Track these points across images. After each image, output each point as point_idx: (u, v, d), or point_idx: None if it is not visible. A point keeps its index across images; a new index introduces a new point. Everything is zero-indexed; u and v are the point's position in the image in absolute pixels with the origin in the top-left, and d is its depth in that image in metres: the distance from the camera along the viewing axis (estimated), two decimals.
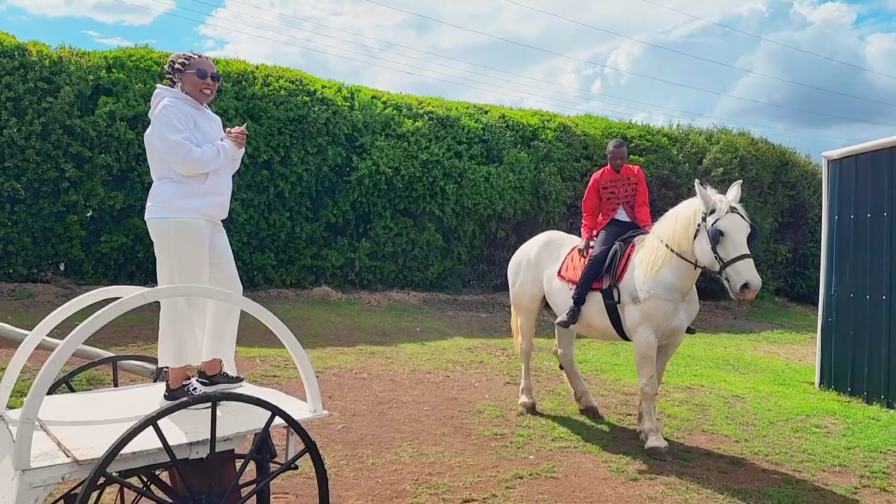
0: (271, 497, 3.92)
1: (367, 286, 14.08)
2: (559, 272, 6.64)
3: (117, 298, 3.06)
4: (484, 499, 4.63)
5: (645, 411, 5.98)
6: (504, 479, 5.00)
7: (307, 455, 3.13)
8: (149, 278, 11.79)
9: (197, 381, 3.65)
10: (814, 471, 5.50)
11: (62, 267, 12.17)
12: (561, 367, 7.31)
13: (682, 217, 5.74)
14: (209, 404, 2.89)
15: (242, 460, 3.08)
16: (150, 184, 3.67)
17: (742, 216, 5.44)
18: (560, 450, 5.75)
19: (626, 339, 6.20)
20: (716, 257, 5.38)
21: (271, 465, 3.40)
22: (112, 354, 4.26)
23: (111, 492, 3.96)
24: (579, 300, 6.28)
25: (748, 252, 5.32)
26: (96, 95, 11.60)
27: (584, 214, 6.83)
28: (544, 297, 6.90)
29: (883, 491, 5.15)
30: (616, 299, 6.05)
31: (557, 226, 15.92)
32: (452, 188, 14.23)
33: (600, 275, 6.18)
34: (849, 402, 8.18)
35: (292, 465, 3.19)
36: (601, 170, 6.86)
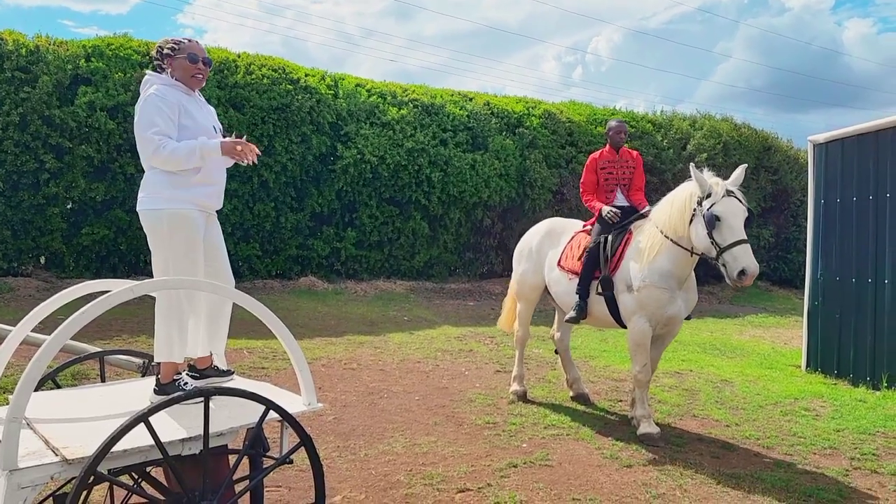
0: (264, 491, 3.87)
1: (353, 276, 13.99)
2: (559, 262, 6.50)
3: (104, 292, 2.98)
4: (479, 488, 4.59)
5: (638, 398, 5.94)
6: (498, 467, 4.96)
7: (301, 448, 3.08)
8: (132, 271, 11.66)
9: (188, 375, 3.58)
10: (805, 454, 5.52)
11: (43, 260, 11.99)
12: (556, 352, 7.22)
13: (677, 202, 5.61)
14: (201, 399, 2.82)
15: (236, 456, 3.02)
16: (132, 175, 3.58)
17: (739, 200, 5.28)
18: (553, 437, 5.73)
19: (624, 327, 6.08)
20: (712, 243, 5.25)
21: (265, 459, 3.34)
22: (98, 349, 4.17)
23: (100, 489, 3.88)
24: (584, 293, 6.11)
25: (745, 237, 5.18)
26: (75, 85, 11.40)
27: (584, 195, 6.61)
28: (546, 286, 6.76)
29: (874, 472, 5.16)
30: (611, 289, 5.95)
31: (543, 213, 15.92)
32: (438, 176, 14.15)
33: (598, 265, 6.06)
34: (835, 384, 8.23)
35: (287, 460, 3.13)
36: (599, 151, 6.68)
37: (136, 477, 3.26)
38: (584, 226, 6.60)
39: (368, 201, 13.84)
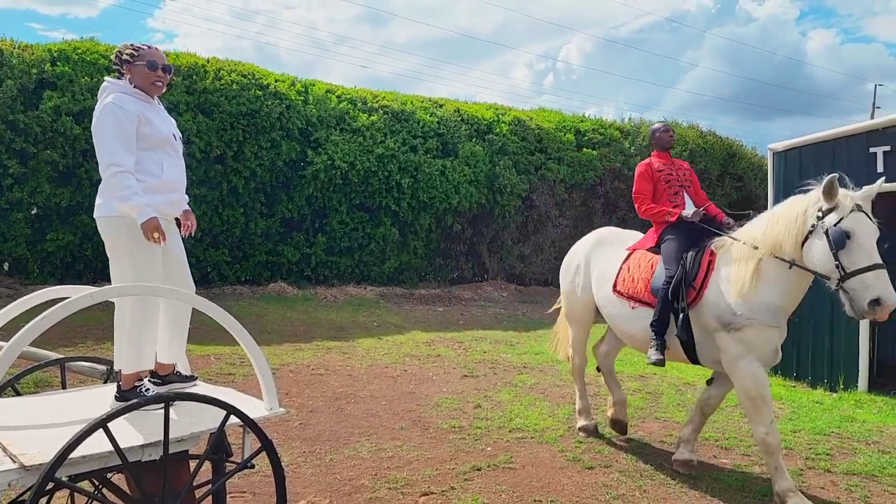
0: (228, 497, 3.88)
1: (323, 281, 13.98)
2: (614, 286, 5.49)
3: (65, 298, 2.98)
4: (442, 491, 4.64)
5: (773, 468, 4.67)
6: (462, 471, 5.01)
7: (264, 453, 3.10)
8: (98, 277, 11.54)
9: (149, 381, 3.58)
10: (762, 454, 5.65)
11: (6, 266, 11.84)
12: (598, 370, 6.43)
13: (786, 215, 4.70)
14: (162, 405, 2.84)
15: (197, 461, 3.04)
16: (98, 180, 3.52)
17: (869, 217, 4.32)
18: (517, 441, 5.79)
19: (696, 363, 5.12)
20: (837, 265, 4.28)
21: (228, 464, 3.36)
22: (60, 356, 4.15)
23: (61, 496, 3.87)
24: (660, 328, 5.02)
25: (881, 261, 4.23)
26: (40, 90, 11.28)
27: (643, 206, 5.63)
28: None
29: (827, 472, 5.32)
30: (688, 325, 4.92)
31: (513, 219, 16.07)
32: (408, 182, 14.19)
33: (680, 294, 4.96)
34: (794, 387, 8.43)
35: (249, 465, 3.15)
36: (646, 160, 5.82)
37: (97, 483, 3.26)
38: (643, 240, 5.67)
39: (339, 207, 13.84)
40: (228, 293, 12.36)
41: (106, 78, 3.60)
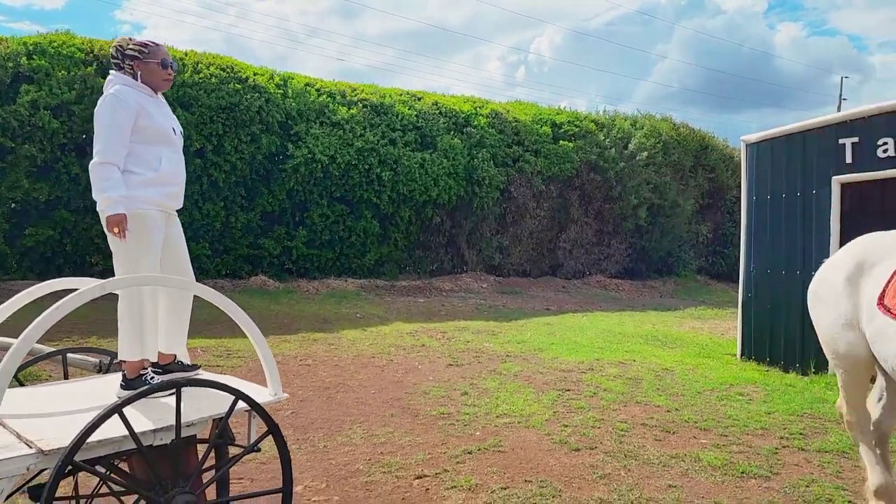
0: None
1: (304, 274, 14.04)
2: (880, 299, 3.85)
3: (67, 291, 3.05)
4: (436, 474, 4.76)
5: None
6: (453, 454, 5.14)
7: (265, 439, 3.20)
8: (77, 271, 11.50)
9: (153, 370, 3.65)
10: (739, 434, 5.83)
11: None
12: (855, 444, 4.38)
13: None
14: (168, 392, 2.92)
15: (206, 445, 3.13)
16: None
17: None
18: (505, 426, 5.92)
19: None
20: None
21: (231, 449, 3.45)
22: (58, 348, 4.21)
23: (65, 485, 3.93)
24: None
25: None
26: (17, 83, 11.20)
27: None
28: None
29: (801, 450, 5.50)
30: None
31: (491, 211, 16.20)
32: (388, 175, 14.29)
33: None
34: (768, 371, 8.63)
35: (255, 448, 3.24)
36: None
37: (105, 469, 3.34)
38: None
39: (319, 200, 13.90)
40: (210, 287, 12.33)
41: (112, 71, 3.68)
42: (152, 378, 3.51)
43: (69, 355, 4.23)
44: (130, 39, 3.69)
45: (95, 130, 3.49)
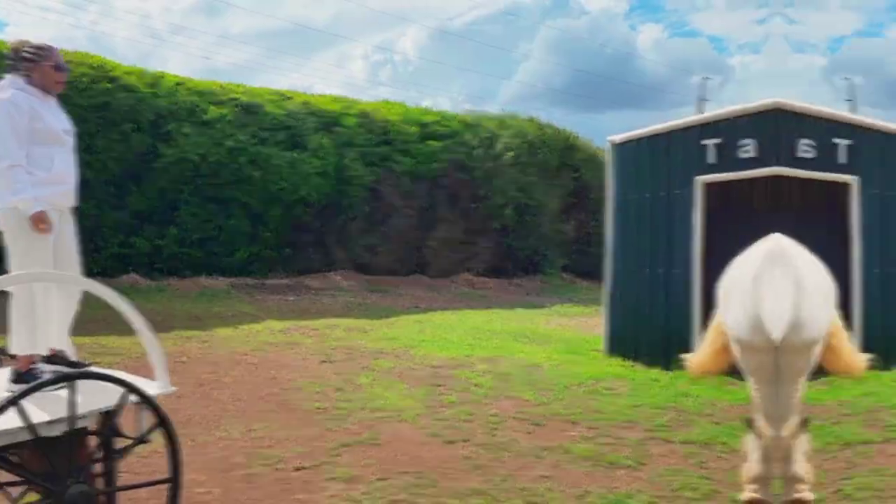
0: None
1: (175, 273, 13.91)
2: None
3: None
4: (314, 465, 4.92)
5: None
6: (331, 447, 5.31)
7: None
8: None
9: (42, 364, 3.70)
10: (607, 427, 6.04)
11: None
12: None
13: None
14: (61, 385, 3.03)
15: (97, 437, 3.25)
16: None
17: None
18: (379, 420, 6.10)
19: None
20: None
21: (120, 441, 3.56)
22: None
23: None
24: None
25: None
26: None
27: None
28: None
29: (666, 441, 5.71)
30: None
31: (360, 210, 16.41)
32: (258, 174, 14.36)
33: None
34: (633, 366, 8.83)
35: (146, 439, 3.39)
36: None
37: None
38: None
39: (190, 199, 13.79)
40: None
41: (7, 75, 3.74)
42: (43, 372, 3.57)
43: None
44: (26, 42, 3.75)
45: None
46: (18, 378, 3.52)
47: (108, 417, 3.31)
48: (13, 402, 2.85)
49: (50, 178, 3.68)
